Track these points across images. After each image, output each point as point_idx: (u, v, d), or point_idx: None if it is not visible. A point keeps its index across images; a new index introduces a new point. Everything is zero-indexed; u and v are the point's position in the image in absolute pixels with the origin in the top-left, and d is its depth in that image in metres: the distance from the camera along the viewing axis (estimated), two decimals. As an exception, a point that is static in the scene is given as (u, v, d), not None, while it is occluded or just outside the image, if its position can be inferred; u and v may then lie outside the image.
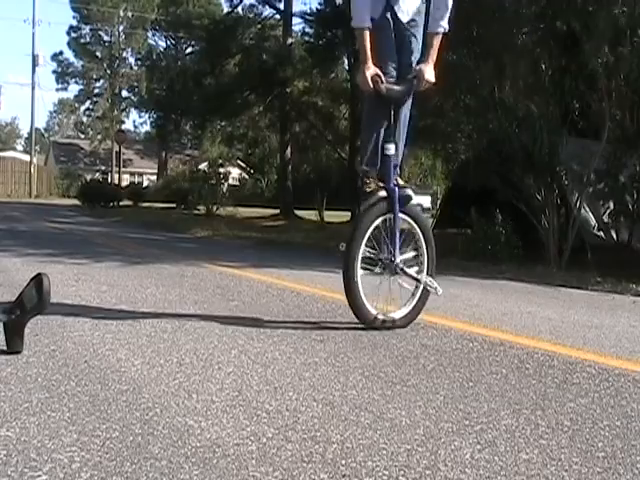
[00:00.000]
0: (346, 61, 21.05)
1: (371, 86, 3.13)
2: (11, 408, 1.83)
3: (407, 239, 3.30)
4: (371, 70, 3.13)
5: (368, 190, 3.25)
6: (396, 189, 3.20)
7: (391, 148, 3.23)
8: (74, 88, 49.53)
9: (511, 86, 7.73)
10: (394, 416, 1.87)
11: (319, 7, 19.82)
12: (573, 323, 3.58)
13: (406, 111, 3.35)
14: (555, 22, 7.45)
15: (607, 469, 1.56)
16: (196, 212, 18.42)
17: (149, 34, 43.80)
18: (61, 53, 44.77)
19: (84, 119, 51.88)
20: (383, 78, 3.17)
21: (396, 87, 3.20)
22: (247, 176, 38.77)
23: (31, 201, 27.54)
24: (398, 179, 3.31)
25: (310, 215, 17.81)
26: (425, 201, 33.84)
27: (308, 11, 23.85)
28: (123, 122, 45.69)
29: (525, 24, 7.74)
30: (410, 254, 3.30)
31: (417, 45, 3.29)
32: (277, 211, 20.38)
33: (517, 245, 7.42)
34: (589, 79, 7.18)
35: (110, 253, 6.80)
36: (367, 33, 3.14)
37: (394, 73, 3.24)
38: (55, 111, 66.84)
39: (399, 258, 3.23)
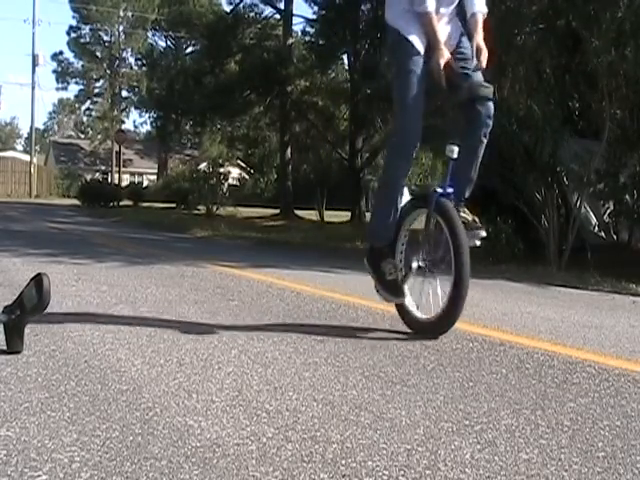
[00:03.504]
0: (346, 61, 21.08)
1: (443, 76, 2.89)
2: (11, 408, 1.82)
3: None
4: (445, 56, 2.91)
5: (389, 278, 3.02)
6: (445, 200, 2.93)
7: (455, 150, 2.99)
8: (74, 88, 49.56)
9: (511, 85, 7.73)
10: (394, 416, 1.87)
11: (319, 7, 19.80)
12: (573, 323, 3.58)
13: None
14: (556, 22, 7.45)
15: (607, 469, 1.56)
16: (196, 212, 18.42)
17: (149, 34, 43.82)
18: (61, 53, 44.82)
19: (84, 119, 52.00)
20: (455, 66, 2.93)
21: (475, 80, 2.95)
22: (247, 176, 38.76)
23: (31, 201, 27.55)
24: (466, 211, 3.01)
25: (310, 215, 17.83)
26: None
27: (308, 10, 23.88)
28: (123, 122, 45.70)
29: (526, 23, 7.74)
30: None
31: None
32: (277, 211, 20.39)
33: (517, 245, 7.41)
34: (590, 79, 7.19)
35: (110, 253, 6.80)
36: (434, 16, 2.92)
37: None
38: (55, 111, 66.83)
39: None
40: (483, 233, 2.99)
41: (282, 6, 21.02)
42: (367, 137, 19.72)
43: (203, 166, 23.47)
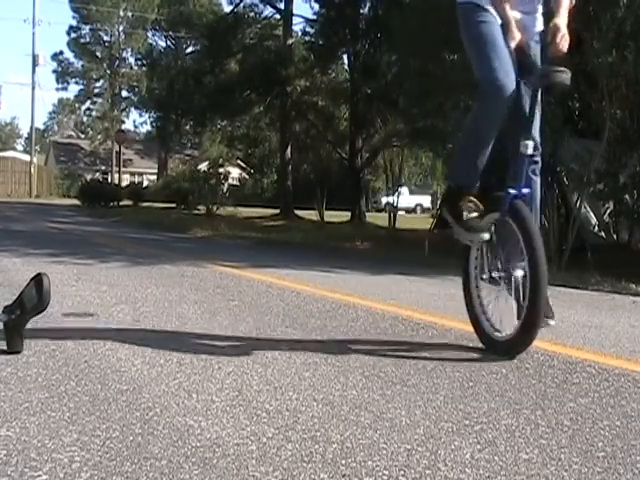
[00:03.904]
0: (346, 61, 21.10)
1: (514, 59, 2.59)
2: (11, 408, 1.83)
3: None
4: (517, 38, 2.60)
5: (467, 217, 2.67)
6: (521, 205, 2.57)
7: (530, 145, 2.63)
8: (74, 88, 49.59)
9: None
10: (394, 416, 1.87)
11: (320, 6, 19.81)
12: (573, 323, 3.58)
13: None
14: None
15: (607, 469, 1.56)
16: (196, 212, 18.43)
17: (149, 34, 43.88)
18: (61, 53, 44.83)
19: (84, 119, 52.00)
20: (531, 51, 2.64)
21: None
22: (247, 176, 38.80)
23: (31, 201, 27.54)
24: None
25: (310, 215, 17.82)
26: (425, 201, 33.93)
27: (308, 11, 23.91)
28: (123, 122, 45.74)
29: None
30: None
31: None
32: (277, 211, 20.40)
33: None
34: (590, 79, 7.19)
35: (110, 253, 6.80)
36: None
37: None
38: (55, 111, 66.81)
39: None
40: (552, 322, 2.72)
41: (282, 6, 21.03)
42: (367, 137, 19.72)
43: (203, 166, 23.47)
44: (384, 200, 25.45)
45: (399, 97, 13.20)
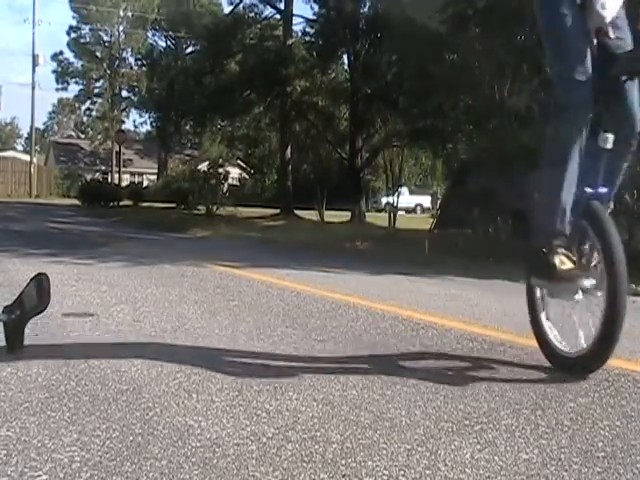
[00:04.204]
0: (346, 60, 21.10)
1: (594, 43, 2.33)
2: (11, 408, 1.83)
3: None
4: (597, 20, 2.30)
5: (563, 268, 2.28)
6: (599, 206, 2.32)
7: (609, 139, 2.31)
8: (74, 88, 49.43)
9: (512, 85, 7.74)
10: (394, 416, 1.87)
11: (319, 6, 19.81)
12: (573, 323, 3.57)
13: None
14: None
15: (607, 469, 1.56)
16: (196, 212, 18.42)
17: (149, 34, 43.86)
18: (61, 53, 44.74)
19: (84, 119, 51.96)
20: (611, 33, 2.32)
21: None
22: (247, 176, 38.79)
23: (31, 201, 27.54)
24: None
25: (310, 215, 17.82)
26: (425, 201, 33.95)
27: (309, 10, 23.90)
28: (123, 122, 45.64)
29: (526, 23, 7.75)
30: None
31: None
32: (277, 211, 20.39)
33: (517, 244, 7.41)
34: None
35: (110, 253, 6.80)
36: None
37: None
38: (55, 111, 66.74)
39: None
40: None
41: (282, 6, 21.03)
42: (367, 137, 19.72)
43: (203, 166, 23.45)
44: (384, 200, 25.46)
45: (399, 97, 13.22)
